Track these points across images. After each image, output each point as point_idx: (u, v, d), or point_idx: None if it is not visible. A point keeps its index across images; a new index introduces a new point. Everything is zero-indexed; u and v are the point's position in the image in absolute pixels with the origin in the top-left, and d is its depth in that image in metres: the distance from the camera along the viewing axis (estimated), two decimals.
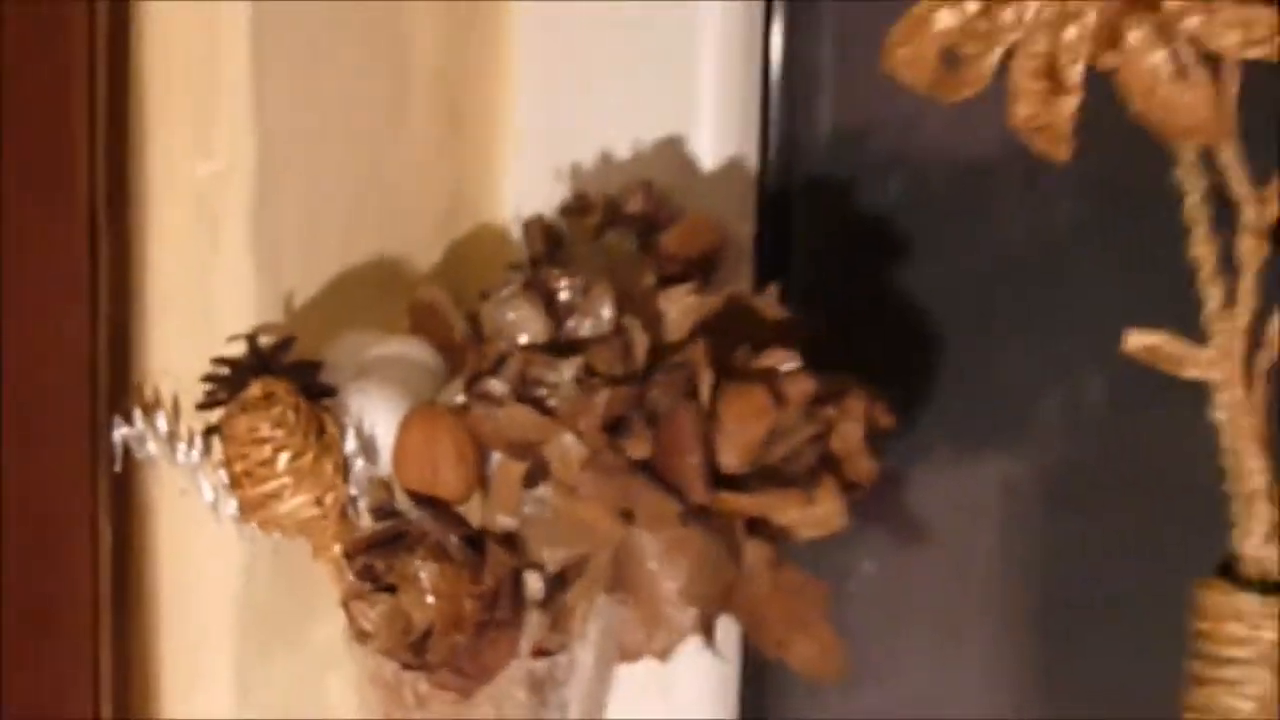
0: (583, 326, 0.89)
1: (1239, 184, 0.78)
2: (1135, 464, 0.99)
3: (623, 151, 1.03)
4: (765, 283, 0.95)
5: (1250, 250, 0.79)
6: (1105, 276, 0.96)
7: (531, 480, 0.86)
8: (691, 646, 0.88)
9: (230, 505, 0.89)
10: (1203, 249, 0.79)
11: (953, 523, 1.06)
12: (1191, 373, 0.81)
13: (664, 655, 0.89)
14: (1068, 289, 1.00)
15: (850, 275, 1.05)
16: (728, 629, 0.91)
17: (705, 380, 0.86)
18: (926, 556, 1.06)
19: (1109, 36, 0.74)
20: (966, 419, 1.03)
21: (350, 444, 0.88)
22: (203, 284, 0.95)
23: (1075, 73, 0.75)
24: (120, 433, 0.91)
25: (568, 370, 0.86)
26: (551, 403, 0.86)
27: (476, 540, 0.86)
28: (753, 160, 1.02)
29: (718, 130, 1.02)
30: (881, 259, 1.03)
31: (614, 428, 0.85)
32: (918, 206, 1.02)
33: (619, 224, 0.94)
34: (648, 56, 1.03)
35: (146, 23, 0.95)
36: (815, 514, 0.88)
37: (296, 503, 0.88)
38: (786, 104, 1.04)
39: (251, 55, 0.93)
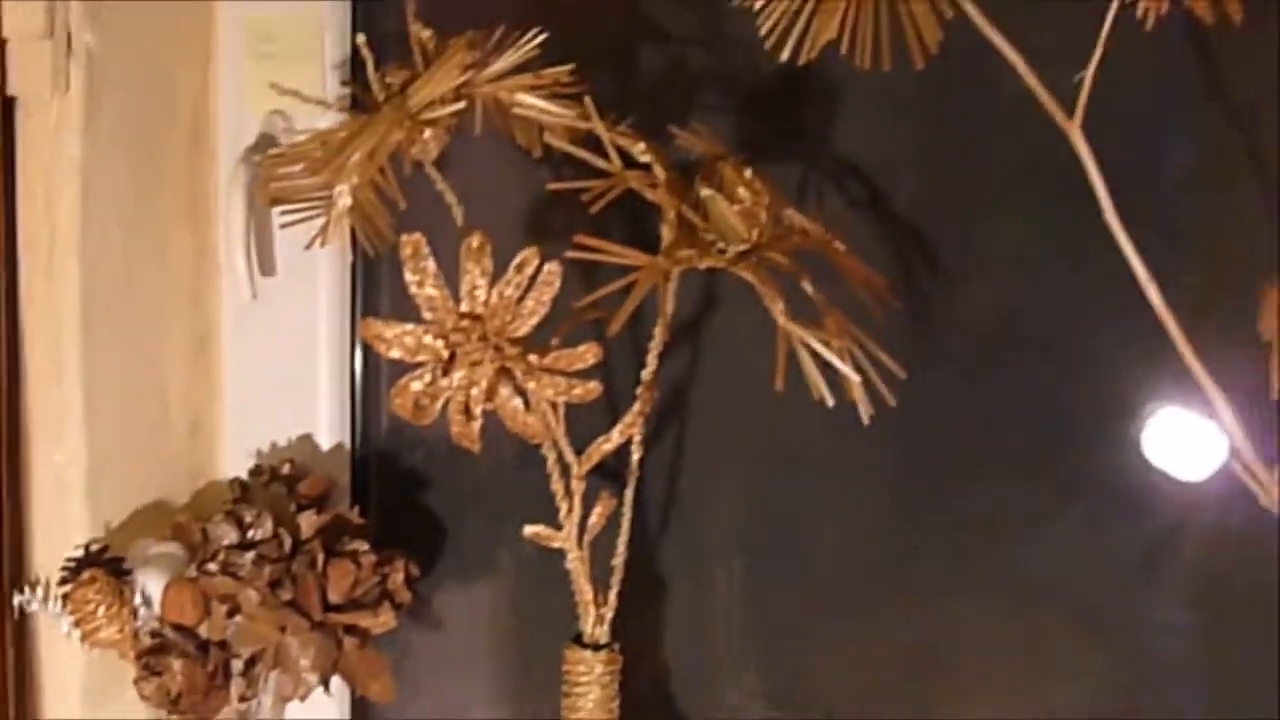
0: (258, 534, 1.01)
1: (565, 452, 0.93)
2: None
3: (281, 442, 1.12)
4: (354, 507, 1.09)
5: (576, 489, 0.95)
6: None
7: (231, 614, 0.99)
8: (319, 692, 1.01)
9: (76, 633, 0.98)
10: (557, 486, 0.95)
11: (450, 622, 1.15)
12: (555, 544, 0.95)
13: (304, 698, 1.02)
14: (505, 508, 1.10)
15: (400, 502, 1.13)
16: (338, 682, 1.04)
17: (319, 558, 1.01)
18: (435, 638, 1.14)
19: (491, 392, 0.86)
20: (450, 576, 1.13)
21: (138, 599, 0.99)
22: (60, 520, 1.03)
23: (478, 410, 0.86)
24: (18, 598, 1.01)
25: (249, 557, 0.99)
26: (241, 574, 0.99)
27: (205, 645, 0.99)
28: (347, 443, 1.12)
29: (330, 429, 1.11)
30: (414, 493, 1.13)
31: (274, 585, 0.99)
32: (433, 466, 1.13)
33: (278, 480, 1.06)
34: (295, 394, 1.11)
35: (29, 371, 1.02)
36: (379, 622, 1.03)
37: (110, 632, 0.99)
38: (365, 412, 1.13)
39: (82, 388, 1.01)
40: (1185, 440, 0.96)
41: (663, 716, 1.11)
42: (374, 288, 1.11)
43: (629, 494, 0.99)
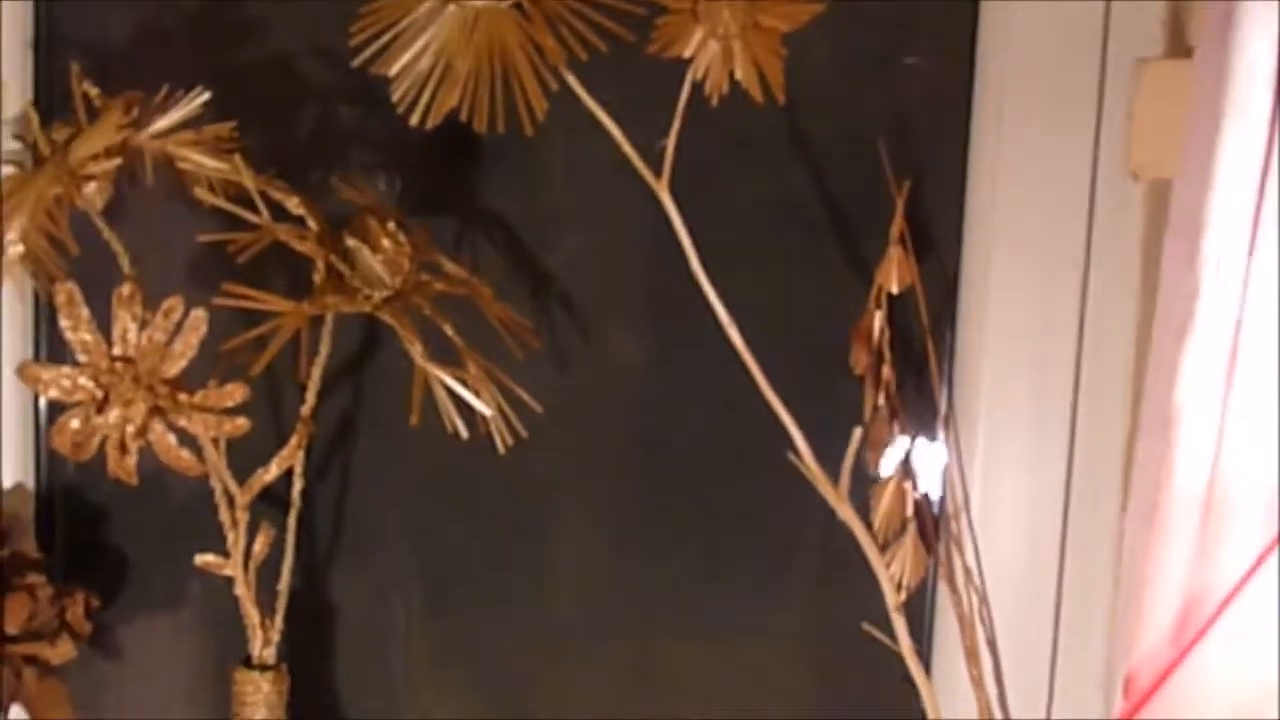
0: None
1: (229, 485, 1.00)
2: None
3: None
4: (41, 543, 1.11)
5: (241, 519, 1.01)
6: None
7: None
8: None
9: None
10: (224, 516, 1.01)
11: (137, 651, 1.17)
12: (224, 572, 1.01)
13: None
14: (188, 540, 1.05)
15: (87, 537, 1.15)
16: (19, 712, 1.07)
17: None
18: (121, 667, 1.17)
19: (144, 429, 0.93)
20: (137, 606, 1.16)
21: None
22: None
23: (133, 447, 0.93)
24: None
25: None
26: None
27: None
28: (31, 482, 1.14)
29: (13, 467, 1.13)
30: (101, 528, 1.15)
31: None
32: (119, 502, 1.14)
33: None
34: None
35: None
36: (58, 652, 1.07)
37: None
38: (50, 449, 1.05)
39: None
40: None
41: None
42: (57, 328, 1.09)
43: (291, 522, 1.05)
